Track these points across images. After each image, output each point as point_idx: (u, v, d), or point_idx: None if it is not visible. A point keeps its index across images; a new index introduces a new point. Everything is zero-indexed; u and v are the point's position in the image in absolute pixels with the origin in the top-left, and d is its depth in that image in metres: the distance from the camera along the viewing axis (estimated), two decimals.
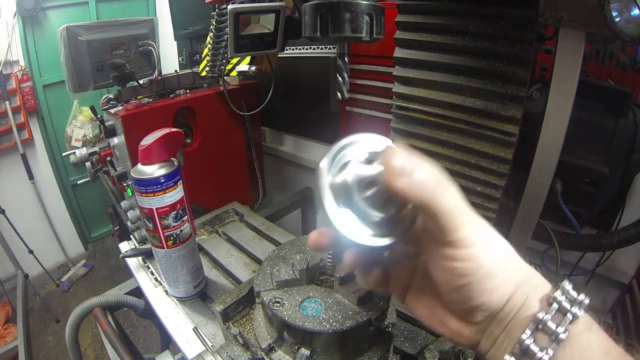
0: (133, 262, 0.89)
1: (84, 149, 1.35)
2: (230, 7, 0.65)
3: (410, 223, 0.28)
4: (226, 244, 0.91)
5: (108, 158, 1.27)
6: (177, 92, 1.22)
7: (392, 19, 0.68)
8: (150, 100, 1.15)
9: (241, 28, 0.67)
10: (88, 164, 1.34)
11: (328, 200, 0.26)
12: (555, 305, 0.24)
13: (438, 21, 0.64)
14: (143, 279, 0.84)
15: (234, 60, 1.18)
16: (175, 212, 0.64)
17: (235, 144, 1.36)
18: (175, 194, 0.63)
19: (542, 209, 0.70)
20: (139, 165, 0.62)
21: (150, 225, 0.64)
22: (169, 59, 2.27)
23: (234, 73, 1.24)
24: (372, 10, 0.40)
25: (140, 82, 1.15)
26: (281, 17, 0.68)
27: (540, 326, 0.24)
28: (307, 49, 1.34)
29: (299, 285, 0.52)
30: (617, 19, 0.49)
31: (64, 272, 2.61)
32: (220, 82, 1.23)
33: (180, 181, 0.65)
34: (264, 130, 1.67)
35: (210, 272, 0.81)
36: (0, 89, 2.16)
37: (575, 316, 0.24)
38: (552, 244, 0.79)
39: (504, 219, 0.73)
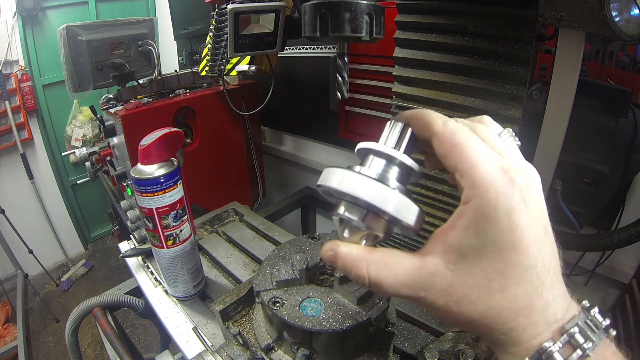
0: (133, 262, 0.89)
1: (84, 149, 1.35)
2: (230, 7, 0.65)
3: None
4: (226, 244, 0.91)
5: (108, 158, 1.27)
6: (177, 92, 1.22)
7: (392, 19, 0.68)
8: (150, 100, 1.15)
9: (241, 28, 0.67)
10: (88, 164, 1.34)
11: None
12: (566, 337, 0.22)
13: (438, 21, 0.64)
14: (143, 279, 0.84)
15: (234, 60, 1.18)
16: (175, 212, 0.64)
17: (235, 144, 1.36)
18: (175, 194, 0.63)
19: None
20: (139, 165, 0.62)
21: (150, 225, 0.64)
22: (169, 59, 2.27)
23: (234, 73, 1.24)
24: (372, 10, 0.40)
25: (140, 82, 1.15)
26: (281, 17, 0.68)
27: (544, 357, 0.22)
28: (307, 49, 1.33)
29: (299, 285, 0.52)
30: (617, 19, 0.49)
31: (64, 272, 2.61)
32: (220, 82, 1.23)
33: (180, 181, 0.65)
34: (264, 130, 1.67)
35: (210, 272, 0.81)
36: (0, 89, 2.17)
37: (585, 354, 0.22)
38: None
39: None
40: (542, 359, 0.22)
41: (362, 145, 0.29)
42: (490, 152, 0.24)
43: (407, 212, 0.26)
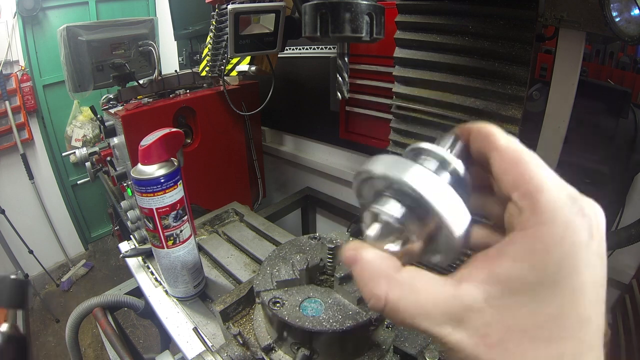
0: (133, 262, 0.89)
1: (84, 149, 1.35)
2: (230, 7, 0.65)
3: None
4: (226, 244, 0.91)
5: (108, 158, 1.27)
6: (177, 92, 1.22)
7: (392, 19, 0.68)
8: (150, 100, 1.15)
9: (241, 28, 0.67)
10: (88, 164, 1.34)
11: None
12: None
13: (438, 21, 0.64)
14: (143, 279, 0.84)
15: (234, 60, 1.18)
16: (175, 212, 0.64)
17: (235, 144, 1.36)
18: (175, 194, 0.63)
19: None
20: (139, 165, 0.62)
21: (150, 225, 0.64)
22: (169, 59, 2.27)
23: (234, 73, 1.24)
24: (372, 10, 0.40)
25: (140, 82, 1.15)
26: (281, 17, 0.68)
27: None
28: (307, 49, 1.34)
29: (299, 285, 0.52)
30: (617, 19, 0.49)
31: (64, 272, 2.61)
32: (220, 82, 1.23)
33: (180, 181, 0.65)
34: (264, 130, 1.67)
35: (210, 272, 0.81)
36: (0, 89, 2.17)
37: None
38: None
39: None
40: None
41: (413, 145, 0.25)
42: (556, 176, 0.21)
43: (457, 216, 0.21)
